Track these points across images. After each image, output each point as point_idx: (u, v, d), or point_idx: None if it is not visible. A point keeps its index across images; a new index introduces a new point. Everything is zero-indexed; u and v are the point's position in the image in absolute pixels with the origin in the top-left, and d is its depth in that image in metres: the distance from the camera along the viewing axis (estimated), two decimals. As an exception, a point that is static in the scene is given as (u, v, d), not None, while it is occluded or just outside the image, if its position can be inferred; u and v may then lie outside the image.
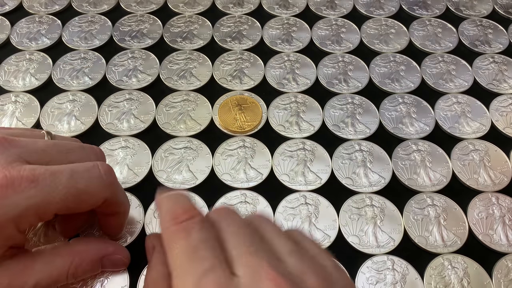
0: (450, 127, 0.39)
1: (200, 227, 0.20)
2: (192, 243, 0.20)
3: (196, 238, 0.20)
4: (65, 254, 0.26)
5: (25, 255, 0.25)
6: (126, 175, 0.35)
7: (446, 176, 0.36)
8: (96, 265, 0.27)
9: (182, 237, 0.20)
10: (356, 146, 0.37)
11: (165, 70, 0.42)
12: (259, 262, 0.19)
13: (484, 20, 0.48)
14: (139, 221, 0.33)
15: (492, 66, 0.44)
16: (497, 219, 0.34)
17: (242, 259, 0.19)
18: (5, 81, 0.41)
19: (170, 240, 0.20)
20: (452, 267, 0.32)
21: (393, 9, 0.49)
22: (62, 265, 0.25)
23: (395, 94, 0.41)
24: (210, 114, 0.39)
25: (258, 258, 0.19)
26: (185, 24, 0.46)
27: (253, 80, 0.42)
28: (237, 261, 0.19)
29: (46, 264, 0.25)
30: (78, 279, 0.26)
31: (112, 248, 0.28)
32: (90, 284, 0.30)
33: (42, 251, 0.25)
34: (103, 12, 0.48)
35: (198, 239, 0.20)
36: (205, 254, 0.19)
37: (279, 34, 0.46)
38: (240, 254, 0.19)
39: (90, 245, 0.27)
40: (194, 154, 0.37)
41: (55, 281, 0.25)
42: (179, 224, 0.20)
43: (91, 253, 0.27)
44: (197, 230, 0.20)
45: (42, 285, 0.24)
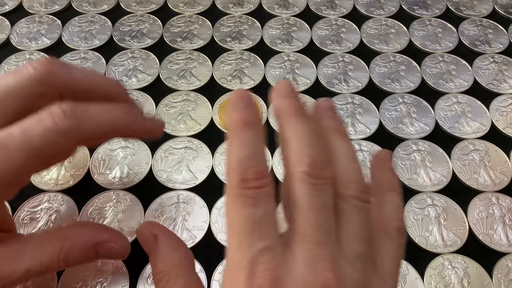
0: (450, 127, 0.39)
1: (267, 200, 0.19)
2: (257, 215, 0.18)
3: (262, 212, 0.18)
4: (55, 239, 0.24)
5: (16, 240, 0.24)
6: (126, 175, 0.35)
7: (446, 176, 0.36)
8: (89, 252, 0.24)
9: (248, 204, 0.18)
10: (356, 146, 0.37)
11: (165, 70, 0.42)
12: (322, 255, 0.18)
13: (484, 20, 0.48)
14: (139, 221, 0.33)
15: (492, 66, 0.44)
16: (497, 219, 0.34)
17: (306, 244, 0.18)
18: (5, 81, 0.41)
19: (234, 202, 0.19)
20: (452, 267, 0.31)
21: (393, 9, 0.49)
22: (52, 250, 0.23)
23: (395, 94, 0.41)
24: (210, 114, 0.39)
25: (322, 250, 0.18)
26: (185, 24, 0.46)
27: (253, 80, 0.42)
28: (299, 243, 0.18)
29: (37, 250, 0.23)
30: (70, 266, 0.24)
31: (107, 235, 0.25)
32: (90, 284, 0.30)
33: (33, 236, 0.24)
34: (103, 12, 0.48)
35: (263, 213, 0.18)
36: (267, 231, 0.18)
37: (279, 34, 0.46)
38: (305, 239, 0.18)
39: (83, 231, 0.25)
40: (194, 154, 0.37)
41: (46, 267, 0.23)
42: (248, 190, 0.18)
43: (83, 239, 0.24)
44: (264, 203, 0.18)
45: (33, 272, 0.23)
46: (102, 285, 0.30)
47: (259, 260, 0.17)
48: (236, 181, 0.19)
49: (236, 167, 0.19)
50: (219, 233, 0.33)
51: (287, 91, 0.22)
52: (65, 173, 0.35)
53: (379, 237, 0.21)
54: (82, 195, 0.34)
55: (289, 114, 0.21)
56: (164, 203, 0.34)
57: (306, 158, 0.19)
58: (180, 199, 0.34)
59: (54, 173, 0.35)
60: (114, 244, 0.25)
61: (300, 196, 0.19)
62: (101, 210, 0.34)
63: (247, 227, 0.18)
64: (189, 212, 0.34)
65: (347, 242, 0.19)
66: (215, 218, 0.33)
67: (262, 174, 0.19)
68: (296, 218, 0.19)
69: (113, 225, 0.33)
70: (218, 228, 0.33)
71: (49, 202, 0.34)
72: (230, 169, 0.19)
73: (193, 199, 0.34)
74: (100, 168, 0.36)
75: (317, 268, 0.17)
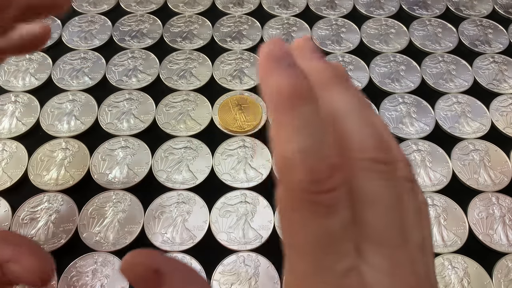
0: (450, 127, 0.39)
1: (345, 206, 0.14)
2: (333, 228, 0.13)
3: (339, 222, 0.13)
4: None
5: None
6: (126, 175, 0.35)
7: (446, 176, 0.36)
8: None
9: (323, 215, 0.13)
10: (356, 146, 0.37)
11: (165, 70, 0.42)
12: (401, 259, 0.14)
13: (484, 20, 0.48)
14: (139, 221, 0.33)
15: (492, 66, 0.44)
16: (497, 219, 0.34)
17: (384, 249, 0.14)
18: (5, 81, 0.41)
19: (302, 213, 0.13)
20: (452, 267, 0.31)
21: (393, 9, 0.49)
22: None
23: (395, 94, 0.41)
24: (210, 114, 0.39)
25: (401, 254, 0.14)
26: (185, 24, 0.46)
27: (253, 80, 0.42)
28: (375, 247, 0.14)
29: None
30: None
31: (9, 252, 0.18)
32: (90, 284, 0.30)
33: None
34: (103, 12, 0.48)
35: (340, 224, 0.13)
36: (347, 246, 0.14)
37: (279, 34, 0.46)
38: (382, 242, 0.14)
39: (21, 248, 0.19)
40: (194, 154, 0.37)
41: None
42: (321, 195, 0.13)
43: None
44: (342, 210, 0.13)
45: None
46: (102, 285, 0.30)
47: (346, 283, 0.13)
48: (304, 183, 0.13)
49: (300, 162, 0.13)
50: (219, 233, 0.33)
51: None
52: (65, 173, 0.35)
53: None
54: (82, 195, 0.34)
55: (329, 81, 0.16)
56: (164, 203, 0.34)
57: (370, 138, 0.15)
58: (180, 199, 0.34)
59: (54, 173, 0.35)
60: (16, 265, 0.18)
61: (370, 190, 0.14)
62: (101, 210, 0.34)
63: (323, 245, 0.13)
64: (189, 212, 0.34)
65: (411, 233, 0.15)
66: (215, 218, 0.33)
67: (337, 165, 0.13)
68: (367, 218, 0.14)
69: (113, 225, 0.33)
70: (218, 228, 0.33)
71: (49, 202, 0.34)
72: (288, 164, 0.13)
73: (193, 199, 0.34)
74: (100, 168, 0.36)
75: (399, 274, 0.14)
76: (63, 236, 0.32)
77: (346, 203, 0.14)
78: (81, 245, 0.32)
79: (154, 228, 0.33)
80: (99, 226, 0.33)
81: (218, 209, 0.34)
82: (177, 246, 0.32)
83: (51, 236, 0.32)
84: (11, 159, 0.36)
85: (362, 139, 0.14)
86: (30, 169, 0.36)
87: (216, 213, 0.34)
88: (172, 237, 0.32)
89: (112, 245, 0.32)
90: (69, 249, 0.32)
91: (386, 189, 0.14)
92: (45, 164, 0.36)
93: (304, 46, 0.17)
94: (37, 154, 0.36)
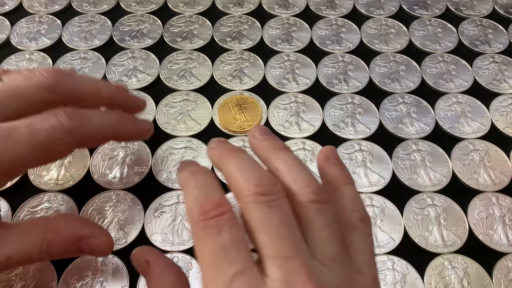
0: (450, 127, 0.39)
1: (230, 226, 0.19)
2: (222, 242, 0.18)
3: (227, 238, 0.18)
4: (39, 228, 0.24)
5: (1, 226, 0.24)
6: (126, 175, 0.35)
7: (446, 176, 0.36)
8: (72, 246, 0.25)
9: (212, 234, 0.18)
10: (356, 146, 0.37)
11: (165, 70, 0.42)
12: (295, 267, 0.18)
13: (484, 20, 0.48)
14: (139, 221, 0.33)
15: (492, 66, 0.44)
16: (497, 219, 0.34)
17: (276, 260, 0.18)
18: (5, 81, 0.41)
19: (199, 237, 0.19)
20: (452, 267, 0.31)
21: (393, 9, 0.49)
22: (35, 239, 0.24)
23: (395, 94, 0.41)
24: (210, 114, 0.39)
25: (294, 262, 0.18)
26: (185, 24, 0.46)
27: (253, 80, 0.42)
28: (270, 261, 0.18)
29: (20, 236, 0.24)
30: (53, 257, 0.25)
31: (88, 231, 0.25)
32: (90, 284, 0.30)
33: (17, 224, 0.25)
34: (103, 12, 0.48)
35: (229, 239, 0.18)
36: (236, 256, 0.18)
37: (279, 34, 0.46)
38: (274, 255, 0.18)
39: (65, 223, 0.25)
40: (194, 154, 0.37)
41: (28, 256, 0.24)
42: (209, 220, 0.19)
43: (65, 231, 0.25)
44: (227, 229, 0.18)
45: (14, 260, 0.23)
46: (102, 285, 0.30)
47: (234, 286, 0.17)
48: (197, 216, 0.19)
49: (194, 204, 0.19)
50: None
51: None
52: (65, 173, 0.35)
53: (347, 232, 0.21)
54: (82, 195, 0.34)
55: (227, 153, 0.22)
56: (164, 203, 0.34)
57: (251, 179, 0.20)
58: (180, 199, 0.34)
59: (54, 173, 0.35)
60: (96, 240, 0.25)
61: (257, 218, 0.19)
62: (101, 210, 0.34)
63: (215, 257, 0.18)
64: (189, 212, 0.34)
65: (319, 247, 0.19)
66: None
67: (220, 202, 0.19)
68: (260, 240, 0.18)
69: (113, 225, 0.33)
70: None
71: (49, 202, 0.34)
72: (189, 208, 0.20)
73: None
74: (100, 168, 0.36)
75: (295, 281, 0.17)
76: (63, 236, 0.32)
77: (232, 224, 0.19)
78: (81, 245, 0.32)
79: (154, 228, 0.33)
80: (99, 226, 0.33)
81: (218, 209, 0.34)
82: (177, 246, 0.32)
83: (51, 236, 0.32)
84: (11, 159, 0.36)
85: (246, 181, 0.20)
86: (30, 169, 0.36)
87: (216, 213, 0.34)
88: (172, 237, 0.32)
89: (112, 245, 0.32)
90: (69, 249, 0.32)
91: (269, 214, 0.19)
92: (45, 164, 0.36)
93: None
94: (37, 154, 0.36)
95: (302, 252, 0.18)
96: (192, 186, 0.20)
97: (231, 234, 0.18)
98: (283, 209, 0.19)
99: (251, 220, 0.19)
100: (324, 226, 0.20)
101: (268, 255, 0.18)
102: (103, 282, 0.30)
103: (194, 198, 0.20)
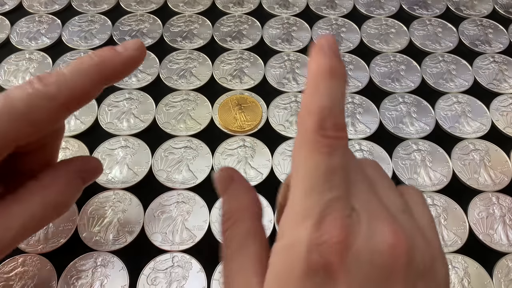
0: (451, 127, 0.39)
1: (344, 152, 0.18)
2: (333, 164, 0.17)
3: (338, 162, 0.17)
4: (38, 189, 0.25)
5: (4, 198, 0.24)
6: (126, 175, 0.35)
7: (446, 175, 0.36)
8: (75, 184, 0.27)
9: (324, 153, 0.17)
10: (356, 146, 0.37)
11: (165, 69, 0.42)
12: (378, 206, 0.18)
13: (484, 20, 0.48)
14: (139, 221, 0.33)
15: (492, 65, 0.44)
16: (497, 219, 0.34)
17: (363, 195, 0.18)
18: (5, 80, 0.41)
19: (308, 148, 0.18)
20: (453, 267, 0.31)
21: (393, 8, 0.49)
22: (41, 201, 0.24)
23: (395, 93, 0.41)
24: (210, 114, 0.39)
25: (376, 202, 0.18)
26: (185, 24, 0.46)
27: (253, 79, 0.42)
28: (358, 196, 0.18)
29: (25, 204, 0.24)
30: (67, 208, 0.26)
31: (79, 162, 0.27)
32: (90, 283, 0.30)
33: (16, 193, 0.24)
34: (103, 12, 0.48)
35: (339, 164, 0.17)
36: (339, 182, 0.17)
37: (279, 34, 0.46)
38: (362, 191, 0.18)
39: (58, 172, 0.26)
40: (194, 154, 0.37)
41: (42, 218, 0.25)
42: (326, 138, 0.17)
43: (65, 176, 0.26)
44: (341, 154, 0.17)
45: (28, 227, 0.24)
46: (102, 284, 0.30)
47: (330, 209, 0.17)
48: (314, 127, 0.17)
49: (316, 112, 0.17)
50: (219, 233, 0.33)
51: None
52: (65, 172, 0.35)
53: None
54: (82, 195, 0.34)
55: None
56: (164, 203, 0.34)
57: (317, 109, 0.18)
58: (180, 199, 0.34)
59: (54, 173, 0.35)
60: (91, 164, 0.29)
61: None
62: (100, 210, 0.34)
63: (320, 174, 0.17)
64: (189, 211, 0.34)
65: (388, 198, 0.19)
66: (215, 218, 0.33)
67: (342, 127, 0.18)
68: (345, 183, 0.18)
69: (113, 225, 0.33)
70: (218, 228, 0.33)
71: (49, 202, 0.34)
72: (307, 112, 0.18)
73: (193, 198, 0.34)
74: (100, 167, 0.36)
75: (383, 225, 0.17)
76: (63, 235, 0.32)
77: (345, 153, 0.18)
78: (80, 244, 0.32)
79: (154, 227, 0.33)
80: (99, 226, 0.33)
81: (218, 209, 0.34)
82: (177, 245, 0.32)
83: (50, 236, 0.32)
84: (11, 158, 0.36)
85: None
86: (30, 169, 0.36)
87: (216, 212, 0.34)
88: (172, 237, 0.32)
89: (112, 245, 0.32)
90: (69, 249, 0.32)
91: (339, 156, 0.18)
92: (45, 163, 0.36)
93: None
94: (37, 153, 0.36)
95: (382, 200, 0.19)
96: (322, 90, 0.18)
97: (342, 161, 0.17)
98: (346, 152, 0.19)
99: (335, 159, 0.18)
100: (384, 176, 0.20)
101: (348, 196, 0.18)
102: (103, 281, 0.30)
103: (319, 106, 0.17)
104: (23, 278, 0.30)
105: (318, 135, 0.17)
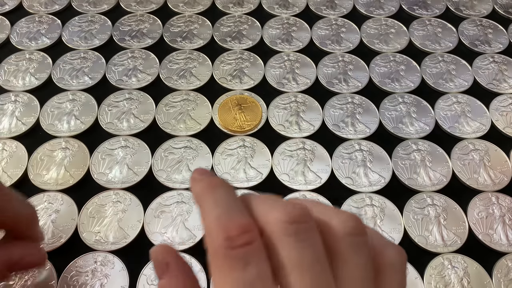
0: (450, 127, 0.39)
1: (259, 258, 0.16)
2: (250, 279, 0.15)
3: (254, 274, 0.16)
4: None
5: None
6: (126, 175, 0.35)
7: (446, 175, 0.36)
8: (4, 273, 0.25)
9: (238, 267, 0.16)
10: (356, 146, 0.37)
11: (165, 69, 0.42)
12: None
13: (484, 20, 0.48)
14: (139, 220, 0.33)
15: (492, 65, 0.44)
16: (497, 219, 0.34)
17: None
18: (5, 80, 0.41)
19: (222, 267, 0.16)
20: (452, 267, 0.31)
21: (393, 9, 0.49)
22: None
23: (395, 93, 0.41)
24: (210, 114, 0.39)
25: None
26: (185, 24, 0.46)
27: (253, 79, 0.42)
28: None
29: None
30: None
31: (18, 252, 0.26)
32: (90, 283, 0.30)
33: None
34: (103, 12, 0.48)
35: (257, 275, 0.16)
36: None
37: (279, 34, 0.46)
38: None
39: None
40: (194, 154, 0.37)
41: None
42: (235, 250, 0.16)
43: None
44: (256, 263, 0.16)
45: None
46: (101, 284, 0.30)
47: None
48: (220, 241, 0.16)
49: (216, 226, 0.16)
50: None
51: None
52: (65, 172, 0.35)
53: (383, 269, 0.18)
54: (82, 195, 0.34)
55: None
56: (164, 203, 0.34)
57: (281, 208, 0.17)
58: (180, 199, 0.34)
59: (54, 173, 0.35)
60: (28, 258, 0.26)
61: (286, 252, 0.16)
62: (101, 210, 0.34)
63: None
64: (188, 211, 0.34)
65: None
66: (215, 218, 0.33)
67: (248, 226, 0.16)
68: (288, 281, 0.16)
69: (113, 224, 0.33)
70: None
71: (49, 202, 0.34)
72: (209, 230, 0.16)
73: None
74: (100, 167, 0.36)
75: None
76: (63, 235, 0.32)
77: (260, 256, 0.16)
78: (81, 244, 0.32)
79: (154, 227, 0.33)
80: (99, 226, 0.33)
81: (218, 209, 0.34)
82: (177, 245, 0.32)
83: (51, 236, 0.32)
84: (11, 158, 0.36)
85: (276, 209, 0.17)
86: (30, 169, 0.36)
87: (216, 212, 0.34)
88: (172, 237, 0.32)
89: (112, 245, 0.32)
90: (69, 249, 0.32)
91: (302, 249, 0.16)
92: (45, 163, 0.36)
93: None
94: (37, 153, 0.36)
95: None
96: (211, 203, 0.17)
97: (259, 270, 0.16)
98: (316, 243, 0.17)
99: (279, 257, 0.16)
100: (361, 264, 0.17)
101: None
102: (103, 281, 0.30)
103: (215, 219, 0.16)
104: (23, 278, 0.30)
105: (227, 248, 0.16)
